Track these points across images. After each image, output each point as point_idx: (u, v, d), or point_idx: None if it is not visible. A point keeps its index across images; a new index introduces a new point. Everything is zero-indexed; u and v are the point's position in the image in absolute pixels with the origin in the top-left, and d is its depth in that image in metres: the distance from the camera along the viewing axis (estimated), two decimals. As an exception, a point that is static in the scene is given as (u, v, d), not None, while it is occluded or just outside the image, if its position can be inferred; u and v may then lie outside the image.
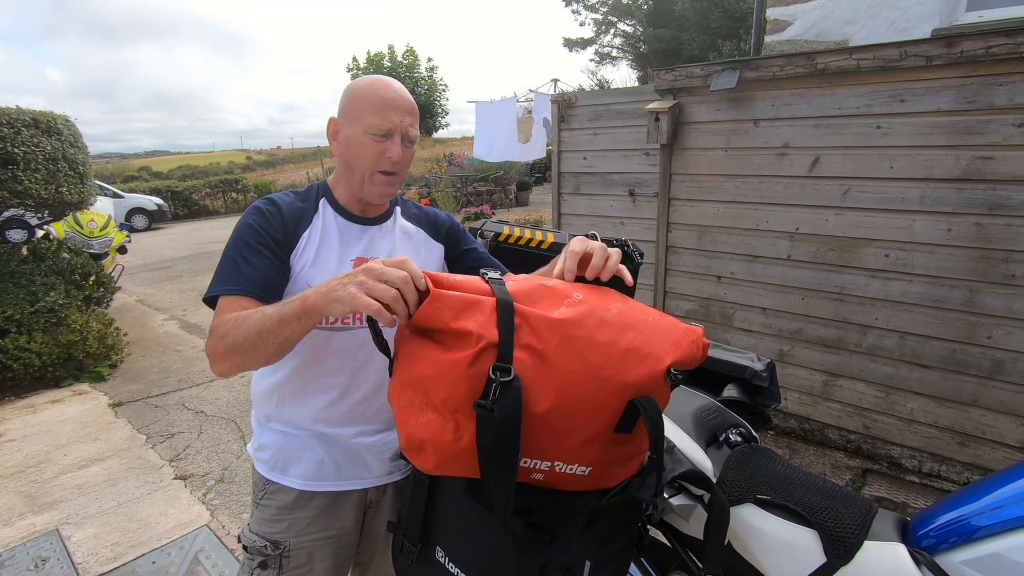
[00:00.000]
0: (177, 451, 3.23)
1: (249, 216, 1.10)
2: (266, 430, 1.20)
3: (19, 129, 3.92)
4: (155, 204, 15.40)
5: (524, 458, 0.77)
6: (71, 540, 2.45)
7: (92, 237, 6.36)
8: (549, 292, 0.83)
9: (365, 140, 1.09)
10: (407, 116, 1.11)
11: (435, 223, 1.31)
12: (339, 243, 1.15)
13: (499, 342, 0.73)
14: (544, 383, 0.74)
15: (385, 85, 1.11)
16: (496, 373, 0.70)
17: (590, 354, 0.76)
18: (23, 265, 4.50)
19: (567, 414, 0.75)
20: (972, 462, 2.62)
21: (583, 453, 0.79)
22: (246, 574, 1.17)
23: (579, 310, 0.79)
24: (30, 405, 3.88)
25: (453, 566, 0.98)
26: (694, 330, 0.89)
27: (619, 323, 0.80)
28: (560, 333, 0.76)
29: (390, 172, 1.12)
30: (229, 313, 0.98)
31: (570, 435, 0.77)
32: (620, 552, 0.86)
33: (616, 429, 0.78)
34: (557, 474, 0.80)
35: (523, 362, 0.73)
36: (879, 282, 2.73)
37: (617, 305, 0.84)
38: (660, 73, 3.27)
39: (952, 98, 2.43)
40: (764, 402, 1.40)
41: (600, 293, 0.87)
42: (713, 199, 3.23)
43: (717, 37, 17.01)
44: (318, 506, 1.17)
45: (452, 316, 0.74)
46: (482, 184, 13.52)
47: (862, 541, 0.90)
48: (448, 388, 0.72)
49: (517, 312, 0.76)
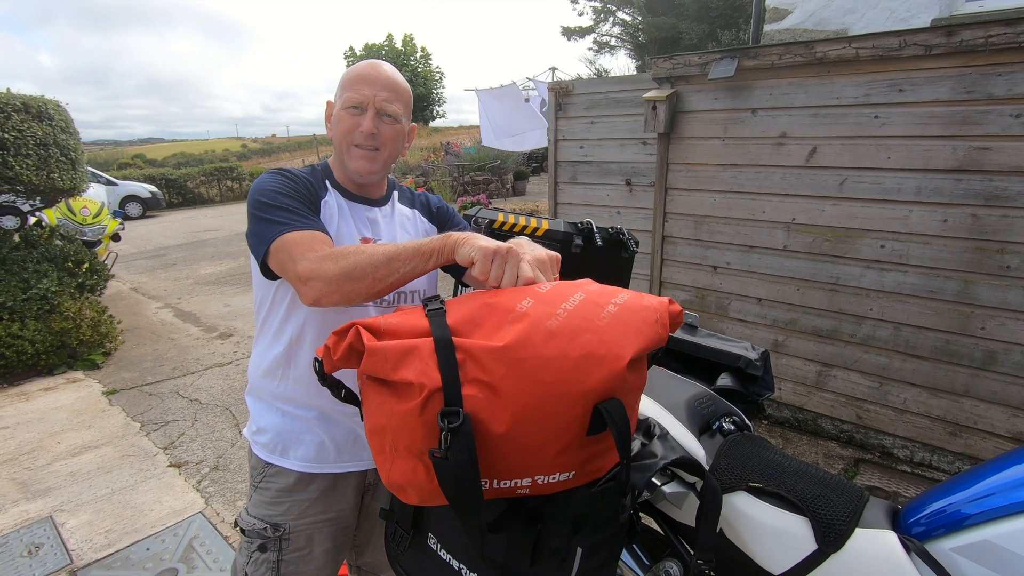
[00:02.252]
0: (171, 439, 3.22)
1: (270, 182, 1.08)
2: (267, 411, 1.19)
3: (9, 114, 3.87)
4: (149, 192, 15.28)
5: (503, 480, 0.76)
6: (65, 527, 2.44)
7: (85, 224, 6.30)
8: (492, 310, 0.78)
9: (342, 115, 1.12)
10: (382, 91, 1.11)
11: (427, 204, 1.34)
12: (350, 220, 1.17)
13: (443, 385, 0.70)
14: (500, 413, 0.71)
15: (368, 63, 1.14)
16: (444, 420, 0.68)
17: (542, 373, 0.72)
18: (15, 252, 4.46)
19: (532, 435, 0.73)
20: (963, 452, 2.64)
21: (560, 462, 0.77)
22: (244, 557, 1.17)
23: (523, 326, 0.74)
24: (23, 393, 3.87)
25: (445, 553, 0.98)
26: (660, 307, 0.85)
27: (568, 329, 0.75)
28: (505, 361, 0.71)
29: (365, 146, 1.12)
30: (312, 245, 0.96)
31: (542, 451, 0.75)
32: (612, 538, 0.86)
33: (589, 433, 0.76)
34: (540, 486, 0.79)
35: (474, 398, 0.71)
36: (874, 273, 2.73)
37: (568, 304, 0.79)
38: (658, 61, 3.24)
39: (950, 88, 2.41)
40: (758, 391, 1.40)
41: (553, 292, 0.82)
42: (710, 189, 3.21)
43: (716, 26, 16.91)
44: (318, 488, 1.17)
45: (392, 368, 0.71)
46: (479, 174, 13.46)
47: (853, 529, 0.91)
48: (407, 437, 0.72)
49: (458, 348, 0.73)
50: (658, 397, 1.20)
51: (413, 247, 0.91)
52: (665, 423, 1.10)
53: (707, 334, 1.50)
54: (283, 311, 1.14)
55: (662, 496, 1.03)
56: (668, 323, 0.85)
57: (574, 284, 0.85)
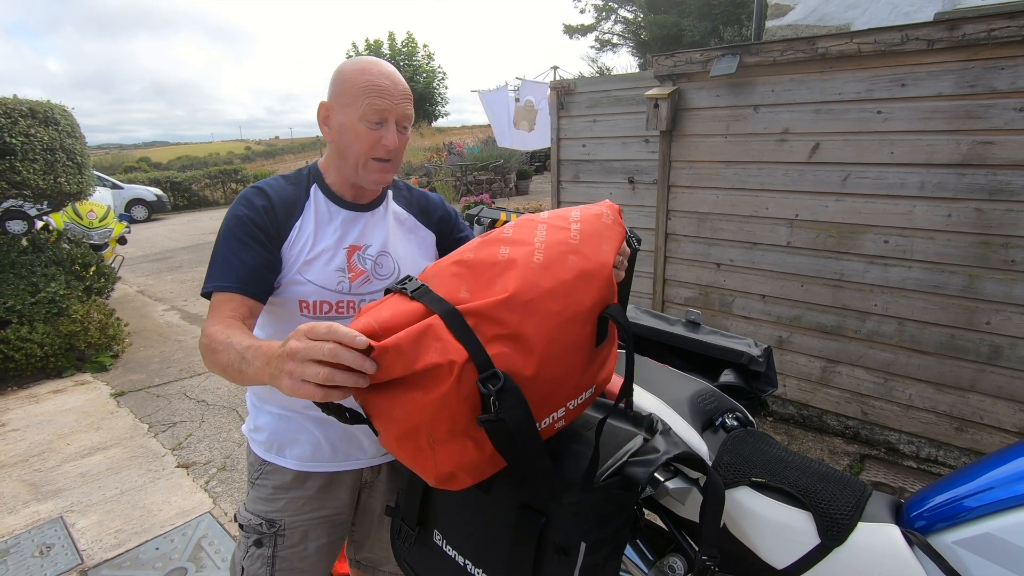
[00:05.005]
0: (179, 440, 3.25)
1: (238, 207, 1.08)
2: (261, 412, 1.21)
3: (16, 119, 3.90)
4: (154, 195, 15.35)
5: (543, 419, 0.79)
6: (75, 527, 2.47)
7: (92, 228, 6.35)
8: (475, 269, 0.78)
9: (360, 128, 1.07)
10: (401, 101, 1.09)
11: (426, 209, 1.30)
12: (332, 232, 1.14)
13: (470, 355, 0.69)
14: (527, 358, 0.73)
15: (378, 70, 1.08)
16: (487, 385, 0.68)
17: (550, 305, 0.75)
18: (23, 256, 4.50)
19: (558, 365, 0.77)
20: (969, 447, 2.63)
21: (583, 381, 0.83)
22: (241, 551, 1.19)
23: (517, 272, 0.76)
24: (32, 395, 3.90)
25: (450, 549, 0.99)
26: (607, 209, 0.93)
27: (554, 257, 0.79)
28: (515, 308, 0.73)
29: (385, 159, 1.10)
30: (221, 313, 0.99)
31: (569, 376, 0.80)
32: (615, 533, 0.87)
33: (597, 345, 0.82)
34: (572, 411, 0.84)
35: (501, 355, 0.71)
36: (878, 268, 2.73)
37: (540, 237, 0.82)
38: (659, 59, 3.24)
39: (953, 82, 2.41)
40: (761, 388, 1.40)
41: (519, 231, 0.84)
42: (712, 186, 3.21)
43: (719, 23, 16.86)
44: (314, 486, 1.19)
45: (412, 358, 0.68)
46: (482, 173, 13.47)
47: (856, 522, 0.91)
48: (449, 420, 0.70)
49: (465, 314, 0.72)
50: (661, 393, 1.20)
51: (238, 363, 0.83)
52: (668, 419, 1.11)
53: (710, 331, 1.50)
54: (262, 321, 1.15)
55: (665, 492, 1.03)
56: (621, 219, 0.94)
57: (527, 219, 0.90)
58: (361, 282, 1.14)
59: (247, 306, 1.02)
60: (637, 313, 1.63)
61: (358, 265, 1.14)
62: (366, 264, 1.15)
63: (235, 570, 1.21)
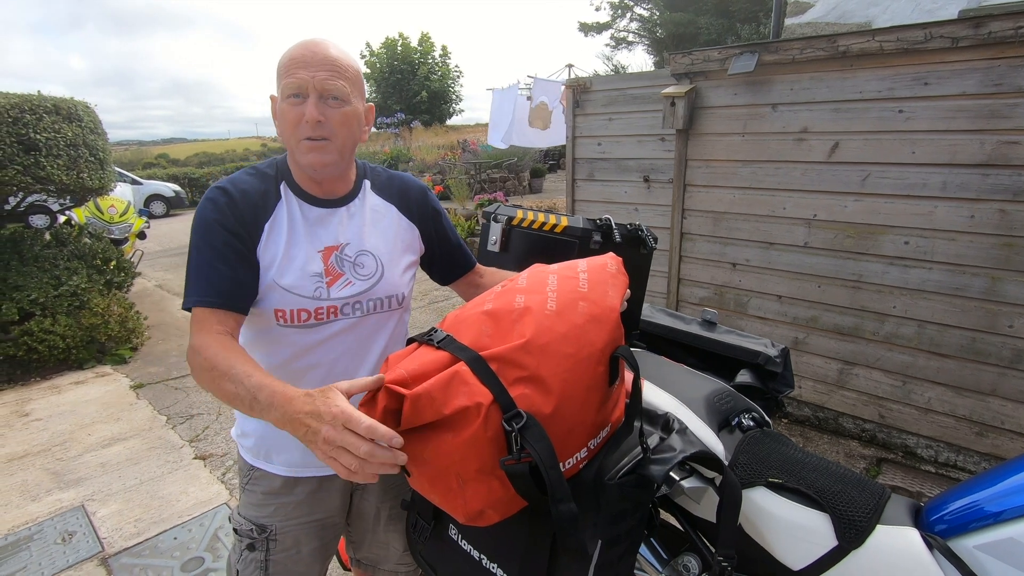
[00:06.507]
0: (196, 432, 3.30)
1: (205, 210, 1.02)
2: (247, 419, 1.17)
3: (40, 115, 3.97)
4: (173, 191, 15.59)
5: (567, 459, 0.83)
6: (96, 516, 2.52)
7: (112, 223, 6.46)
8: (495, 318, 0.84)
9: (284, 107, 1.00)
10: (320, 70, 0.98)
11: (406, 197, 1.20)
12: (305, 234, 1.06)
13: (495, 397, 0.74)
14: (546, 397, 0.77)
15: (301, 43, 1.00)
16: (511, 424, 0.72)
17: (565, 347, 0.81)
18: (46, 250, 4.59)
19: (577, 404, 0.81)
20: (990, 452, 2.59)
21: (600, 420, 0.87)
22: (236, 555, 1.18)
23: (532, 318, 0.82)
24: (55, 386, 3.99)
25: (466, 544, 1.00)
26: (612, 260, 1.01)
27: (566, 304, 0.86)
28: (532, 352, 0.78)
29: (316, 138, 1.00)
30: (208, 329, 0.95)
31: (586, 415, 0.84)
32: (631, 531, 0.87)
33: (610, 384, 0.88)
34: (593, 450, 0.88)
35: (522, 396, 0.76)
36: (898, 269, 2.69)
37: (551, 286, 0.89)
38: (676, 57, 3.22)
39: (978, 81, 2.36)
40: (777, 388, 1.39)
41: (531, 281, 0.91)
42: (729, 185, 3.19)
43: (736, 20, 16.67)
44: (303, 491, 1.16)
45: (442, 403, 0.73)
46: (496, 171, 13.47)
47: (874, 525, 0.90)
48: (477, 460, 0.74)
49: (488, 360, 0.77)
50: (677, 392, 1.20)
51: (248, 400, 0.83)
52: (684, 418, 1.10)
53: (726, 330, 1.50)
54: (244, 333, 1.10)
55: (681, 491, 1.03)
56: (624, 270, 1.01)
57: (536, 270, 0.96)
58: (340, 285, 1.07)
59: (233, 319, 0.99)
60: (653, 312, 1.63)
61: (336, 268, 1.07)
62: (343, 266, 1.08)
63: (230, 572, 1.20)
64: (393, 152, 13.49)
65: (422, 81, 23.85)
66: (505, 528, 0.93)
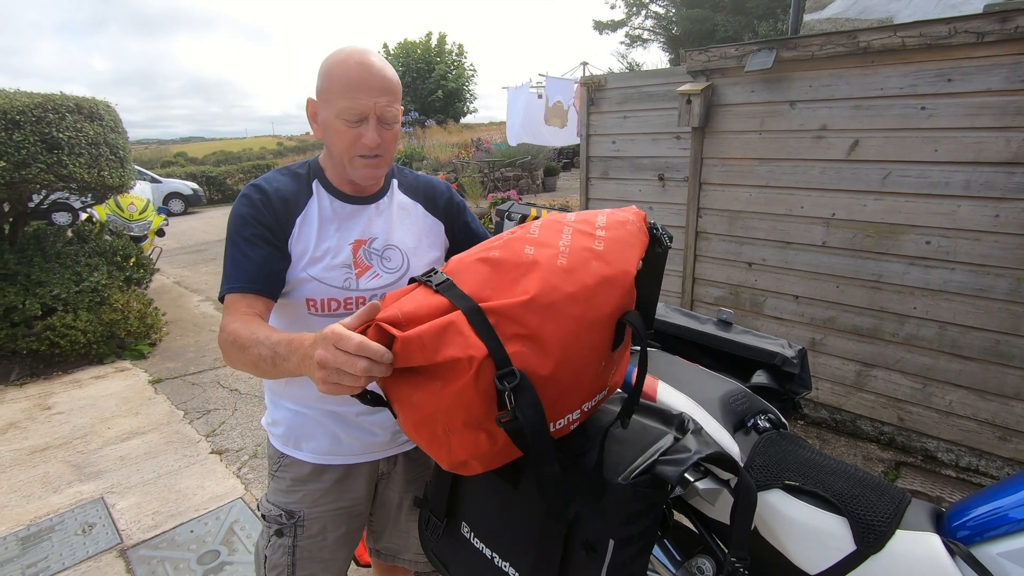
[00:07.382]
0: (213, 427, 3.35)
1: (239, 206, 1.08)
2: (278, 407, 1.22)
3: (63, 115, 4.05)
4: (191, 189, 15.80)
5: (559, 420, 0.80)
6: (115, 508, 2.57)
7: (132, 220, 6.58)
8: (501, 268, 0.79)
9: (338, 126, 1.04)
10: (381, 97, 1.03)
11: (432, 196, 1.27)
12: (335, 228, 1.13)
13: (489, 352, 0.70)
14: (544, 359, 0.74)
15: (356, 63, 1.03)
16: (503, 382, 0.69)
17: (570, 308, 0.75)
18: (68, 247, 4.68)
19: (575, 368, 0.77)
20: (1013, 457, 2.53)
21: (598, 384, 0.85)
22: (264, 540, 1.23)
23: (539, 274, 0.77)
24: (76, 380, 4.07)
25: (478, 542, 0.99)
26: (635, 217, 0.90)
27: (578, 262, 0.79)
28: (536, 310, 0.74)
29: (371, 156, 1.07)
30: (237, 311, 1.00)
31: (583, 379, 0.80)
32: (644, 532, 0.86)
33: (613, 349, 0.83)
34: (587, 412, 0.85)
35: (519, 354, 0.72)
36: (919, 270, 2.64)
37: (565, 240, 0.83)
38: (693, 54, 3.19)
39: (1004, 77, 2.31)
40: (794, 389, 1.37)
41: (544, 231, 0.85)
42: (745, 184, 3.15)
43: (753, 17, 16.48)
44: (331, 478, 1.21)
45: (433, 351, 0.70)
46: (509, 169, 13.46)
47: (894, 530, 0.88)
48: (464, 412, 0.72)
49: (487, 312, 0.73)
50: (692, 393, 1.19)
51: (270, 358, 0.86)
52: (699, 419, 1.09)
53: (742, 330, 1.47)
54: (272, 319, 1.14)
55: (695, 492, 1.02)
56: (646, 227, 0.90)
57: (554, 220, 0.89)
58: (368, 277, 1.13)
59: (261, 302, 1.03)
60: (667, 311, 1.61)
61: (364, 260, 1.13)
62: (371, 259, 1.14)
63: (259, 558, 1.25)
64: (407, 151, 13.53)
65: (438, 80, 23.93)
66: (517, 527, 0.93)
